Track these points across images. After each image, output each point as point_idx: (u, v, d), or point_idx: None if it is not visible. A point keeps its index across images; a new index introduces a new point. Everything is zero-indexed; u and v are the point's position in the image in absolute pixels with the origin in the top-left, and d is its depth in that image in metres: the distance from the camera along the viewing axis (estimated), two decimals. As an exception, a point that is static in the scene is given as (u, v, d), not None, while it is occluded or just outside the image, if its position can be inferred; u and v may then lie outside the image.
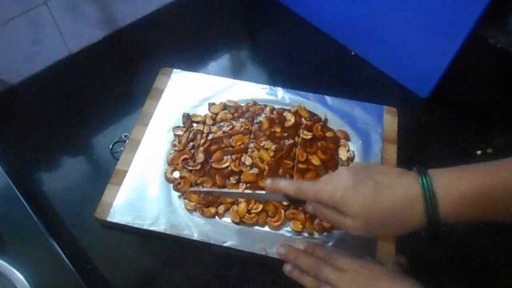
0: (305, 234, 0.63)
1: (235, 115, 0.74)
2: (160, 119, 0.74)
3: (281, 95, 0.77)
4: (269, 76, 0.83)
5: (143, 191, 0.66)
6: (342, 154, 0.69)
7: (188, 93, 0.77)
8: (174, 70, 0.80)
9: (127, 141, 0.72)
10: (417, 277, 0.47)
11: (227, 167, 0.68)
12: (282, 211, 0.64)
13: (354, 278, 0.50)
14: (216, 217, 0.64)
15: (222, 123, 0.73)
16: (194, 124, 0.73)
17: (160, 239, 0.63)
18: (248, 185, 0.66)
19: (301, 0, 0.89)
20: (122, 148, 0.71)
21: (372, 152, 0.70)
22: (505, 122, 0.76)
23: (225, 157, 0.69)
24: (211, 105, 0.75)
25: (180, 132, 0.72)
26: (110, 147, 0.73)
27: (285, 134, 0.71)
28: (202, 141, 0.71)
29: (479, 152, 0.72)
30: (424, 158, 0.72)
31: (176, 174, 0.68)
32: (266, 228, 0.63)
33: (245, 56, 0.89)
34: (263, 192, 0.58)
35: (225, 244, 0.61)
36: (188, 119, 0.74)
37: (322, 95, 0.76)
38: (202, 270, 0.61)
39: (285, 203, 0.63)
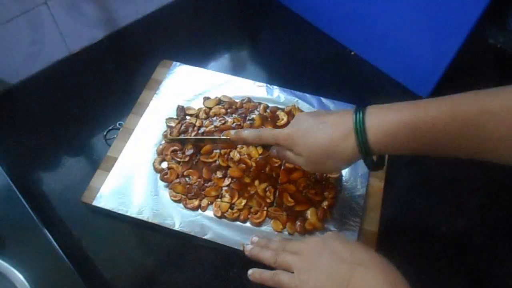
0: (286, 233, 0.63)
1: (228, 110, 0.75)
2: (155, 110, 0.75)
3: (277, 94, 0.77)
4: (267, 74, 0.83)
5: (131, 179, 0.67)
6: None
7: (185, 86, 0.78)
8: (174, 62, 0.81)
9: (121, 129, 0.73)
10: (413, 275, 0.47)
11: (215, 161, 0.69)
12: (265, 208, 0.64)
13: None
14: (199, 210, 0.65)
15: (214, 118, 0.74)
16: (188, 117, 0.74)
17: (153, 230, 0.64)
18: (233, 180, 0.67)
19: (301, 0, 0.89)
20: (115, 136, 0.72)
21: None
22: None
23: (214, 152, 0.69)
24: (205, 99, 0.76)
25: (172, 124, 0.73)
26: (104, 133, 0.73)
27: None
28: (193, 134, 0.71)
29: (479, 152, 0.72)
30: (423, 157, 0.72)
31: (164, 165, 0.69)
32: (248, 224, 0.64)
33: (244, 54, 0.89)
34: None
35: (204, 237, 0.62)
36: (181, 111, 0.75)
37: (318, 96, 0.76)
38: (202, 270, 0.61)
39: (268, 200, 0.65)
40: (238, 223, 0.64)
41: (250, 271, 0.54)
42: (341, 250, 0.48)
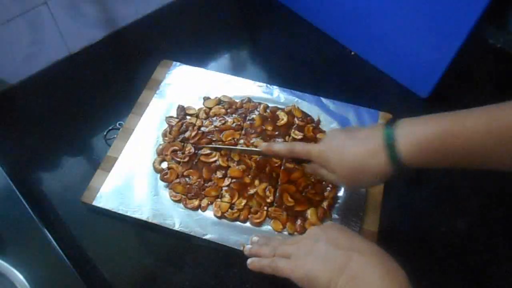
0: (286, 234, 0.63)
1: (228, 110, 0.75)
2: (155, 110, 0.75)
3: (277, 94, 0.77)
4: (267, 74, 0.83)
5: (131, 179, 0.67)
6: None
7: (185, 86, 0.78)
8: (174, 62, 0.81)
9: (121, 129, 0.73)
10: (413, 275, 0.47)
11: (215, 161, 0.69)
12: (265, 208, 0.64)
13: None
14: (199, 210, 0.65)
15: (214, 118, 0.74)
16: (188, 117, 0.74)
17: (153, 230, 0.64)
18: (233, 180, 0.67)
19: (301, 0, 0.89)
20: (115, 136, 0.72)
21: None
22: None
23: (213, 152, 0.70)
24: (205, 99, 0.76)
25: (172, 122, 0.73)
26: (104, 133, 0.73)
27: (276, 133, 0.71)
28: (193, 133, 0.71)
29: (479, 152, 0.72)
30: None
31: (164, 165, 0.69)
32: (248, 224, 0.64)
33: (244, 54, 0.89)
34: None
35: (204, 237, 0.62)
36: (182, 110, 0.75)
37: (318, 96, 0.76)
38: (202, 270, 0.61)
39: (269, 200, 0.65)
40: (238, 223, 0.64)
41: (249, 260, 0.54)
42: (339, 238, 0.49)
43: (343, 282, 0.44)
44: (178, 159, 0.69)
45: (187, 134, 0.72)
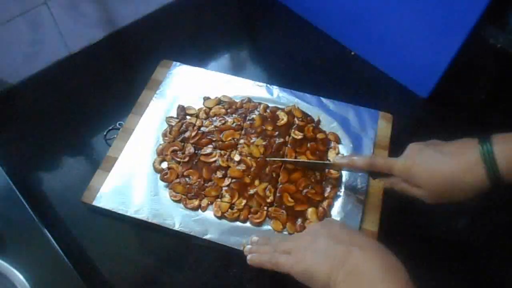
0: (286, 234, 0.63)
1: (228, 110, 0.75)
2: (155, 110, 0.75)
3: (277, 94, 0.77)
4: (267, 74, 0.83)
5: (131, 179, 0.67)
6: (331, 157, 0.69)
7: (185, 86, 0.78)
8: (174, 62, 0.81)
9: (121, 129, 0.73)
10: (413, 274, 0.47)
11: (214, 161, 0.69)
12: (265, 208, 0.65)
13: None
14: (199, 210, 0.65)
15: (214, 118, 0.74)
16: (188, 117, 0.74)
17: (152, 230, 0.64)
18: (233, 180, 0.67)
19: (301, 0, 0.89)
20: (115, 136, 0.72)
21: None
22: (505, 122, 0.76)
23: (213, 152, 0.70)
24: (205, 99, 0.76)
25: (172, 123, 0.73)
26: (104, 133, 0.73)
27: (276, 133, 0.71)
28: (193, 133, 0.71)
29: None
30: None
31: (164, 165, 0.69)
32: (248, 224, 0.64)
33: (244, 54, 0.89)
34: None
35: (204, 237, 0.62)
36: (182, 110, 0.75)
37: (318, 96, 0.76)
38: (202, 270, 0.61)
39: (269, 200, 0.65)
40: (238, 223, 0.64)
41: (249, 256, 0.54)
42: (339, 233, 0.49)
43: (342, 276, 0.44)
44: (178, 159, 0.69)
45: (187, 134, 0.72)
